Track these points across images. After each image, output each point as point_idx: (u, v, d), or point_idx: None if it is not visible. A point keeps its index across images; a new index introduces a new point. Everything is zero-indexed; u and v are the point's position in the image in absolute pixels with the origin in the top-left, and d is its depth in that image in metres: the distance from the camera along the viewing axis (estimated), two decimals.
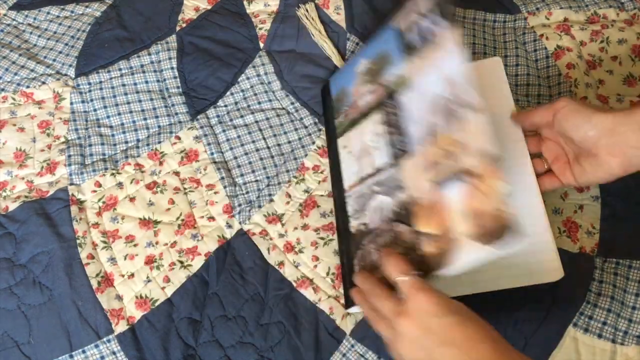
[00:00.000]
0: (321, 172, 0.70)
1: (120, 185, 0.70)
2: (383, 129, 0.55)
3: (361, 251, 0.55)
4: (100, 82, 0.76)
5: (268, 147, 0.72)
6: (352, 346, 0.62)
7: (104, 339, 0.62)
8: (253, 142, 0.73)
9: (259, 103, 0.76)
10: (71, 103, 0.75)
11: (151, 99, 0.76)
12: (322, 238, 0.66)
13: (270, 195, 0.69)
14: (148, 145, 0.72)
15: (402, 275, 0.47)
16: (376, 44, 0.58)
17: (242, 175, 0.71)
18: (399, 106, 0.54)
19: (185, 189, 0.70)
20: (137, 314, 0.63)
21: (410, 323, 0.44)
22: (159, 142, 0.73)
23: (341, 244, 0.61)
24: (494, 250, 0.43)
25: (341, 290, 0.64)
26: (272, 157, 0.72)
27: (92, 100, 0.75)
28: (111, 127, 0.74)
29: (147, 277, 0.65)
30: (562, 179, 0.57)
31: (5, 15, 0.81)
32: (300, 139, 0.73)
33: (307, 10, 0.77)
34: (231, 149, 0.72)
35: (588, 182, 0.55)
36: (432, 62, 0.51)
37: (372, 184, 0.55)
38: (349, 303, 0.55)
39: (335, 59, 0.75)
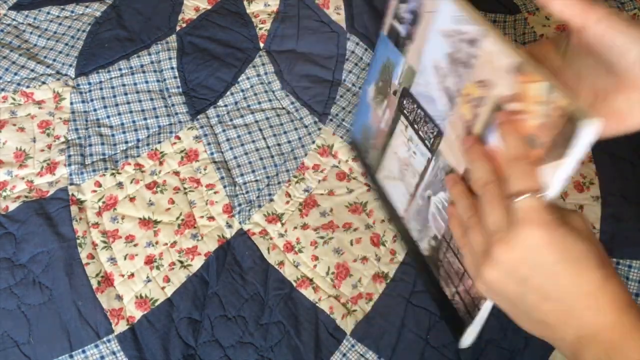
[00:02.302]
0: (321, 171, 0.70)
1: (120, 185, 0.70)
2: (411, 132, 0.48)
3: (442, 269, 0.45)
4: (100, 82, 0.76)
5: (268, 147, 0.72)
6: (353, 346, 0.62)
7: (104, 339, 0.61)
8: (253, 141, 0.73)
9: (259, 103, 0.76)
10: (71, 103, 0.75)
11: (151, 99, 0.76)
12: (321, 237, 0.66)
13: (270, 194, 0.69)
14: (148, 145, 0.72)
15: (531, 192, 0.34)
16: (374, 65, 0.53)
17: (242, 175, 0.71)
18: (414, 99, 0.47)
19: (185, 188, 0.70)
20: (137, 314, 0.63)
21: (511, 254, 0.34)
22: (159, 142, 0.73)
23: (427, 282, 0.48)
24: (575, 157, 0.33)
25: (341, 290, 0.64)
26: (272, 156, 0.72)
27: (92, 100, 0.75)
28: (111, 127, 0.74)
29: (147, 277, 0.65)
30: None
31: (5, 15, 0.81)
32: (300, 138, 0.73)
33: None
34: (231, 148, 0.72)
35: (611, 132, 0.37)
36: (425, 32, 0.45)
37: (422, 192, 0.46)
38: (463, 337, 0.43)
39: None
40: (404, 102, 0.49)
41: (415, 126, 0.47)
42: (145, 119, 0.74)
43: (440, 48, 0.43)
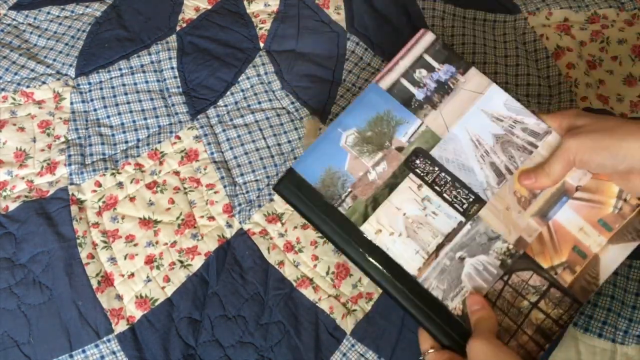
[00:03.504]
0: None
1: (120, 185, 0.70)
2: (429, 192, 0.51)
3: None
4: (101, 82, 0.76)
5: (268, 147, 0.72)
6: (353, 346, 0.62)
7: (104, 339, 0.62)
8: (253, 141, 0.73)
9: (259, 103, 0.76)
10: (71, 103, 0.75)
11: (151, 99, 0.76)
12: (321, 237, 0.66)
13: (270, 194, 0.69)
14: (148, 145, 0.72)
15: (426, 351, 0.48)
16: (358, 111, 0.53)
17: (242, 174, 0.71)
18: (435, 162, 0.51)
19: (185, 188, 0.70)
20: (137, 314, 0.63)
21: None
22: (159, 142, 0.73)
23: (445, 337, 0.49)
24: (638, 242, 0.49)
25: (342, 289, 0.64)
26: (272, 156, 0.72)
27: (92, 100, 0.75)
28: (111, 126, 0.74)
29: (147, 277, 0.65)
30: None
31: (5, 15, 0.81)
32: (300, 138, 0.73)
33: None
34: (231, 148, 0.72)
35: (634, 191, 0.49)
36: (463, 107, 0.52)
37: (451, 253, 0.50)
38: None
39: None
40: (417, 161, 0.52)
41: (438, 188, 0.51)
42: (145, 118, 0.74)
43: (485, 127, 0.52)
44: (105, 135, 0.73)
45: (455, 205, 0.50)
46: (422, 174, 0.51)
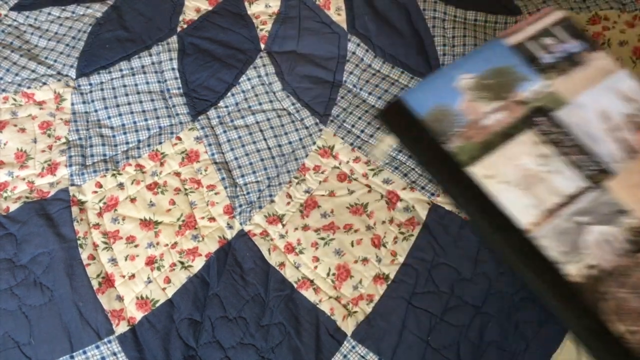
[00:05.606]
0: (322, 172, 0.70)
1: (121, 185, 0.70)
2: (551, 150, 0.50)
3: (607, 302, 0.46)
4: (101, 82, 0.76)
5: (269, 148, 0.72)
6: (353, 347, 0.62)
7: (105, 340, 0.61)
8: (254, 142, 0.73)
9: (260, 104, 0.76)
10: (72, 104, 0.75)
11: (152, 100, 0.76)
12: (322, 238, 0.66)
13: (270, 195, 0.69)
14: (149, 145, 0.72)
15: None
16: (477, 59, 0.55)
17: (242, 175, 0.71)
18: (561, 124, 0.51)
19: (186, 189, 0.70)
20: (138, 315, 0.63)
21: None
22: (160, 143, 0.73)
23: (554, 299, 0.45)
24: None
25: (342, 291, 0.64)
26: (273, 157, 0.72)
27: (93, 100, 0.75)
28: (112, 127, 0.74)
29: (148, 278, 0.65)
30: None
31: (6, 15, 0.81)
32: (301, 139, 0.73)
33: None
34: (232, 149, 0.72)
35: None
36: (591, 81, 0.53)
37: (572, 214, 0.48)
38: None
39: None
40: (540, 118, 0.52)
41: (561, 149, 0.51)
42: (146, 119, 0.74)
43: (613, 104, 0.52)
44: (106, 136, 0.73)
45: (579, 169, 0.49)
46: (545, 132, 0.51)
